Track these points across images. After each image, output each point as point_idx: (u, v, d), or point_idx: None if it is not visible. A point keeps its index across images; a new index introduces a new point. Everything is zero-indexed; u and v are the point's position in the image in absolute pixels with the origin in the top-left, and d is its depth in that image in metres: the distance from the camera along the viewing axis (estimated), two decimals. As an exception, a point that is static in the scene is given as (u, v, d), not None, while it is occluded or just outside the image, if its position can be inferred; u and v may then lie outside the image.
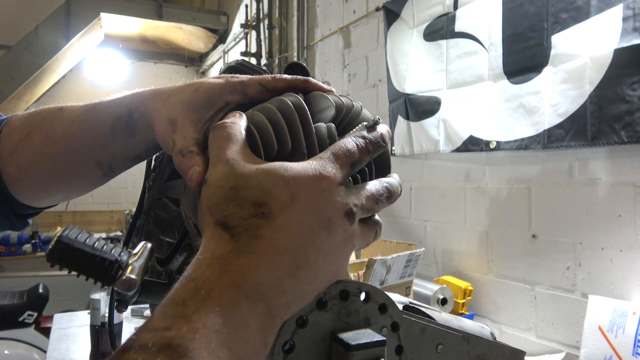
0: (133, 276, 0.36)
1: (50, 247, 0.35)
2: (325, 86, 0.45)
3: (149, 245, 0.40)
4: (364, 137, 0.39)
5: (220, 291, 0.30)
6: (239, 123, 0.38)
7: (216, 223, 0.33)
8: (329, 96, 0.43)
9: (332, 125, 0.41)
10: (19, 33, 4.14)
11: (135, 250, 0.39)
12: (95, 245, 0.36)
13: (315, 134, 0.39)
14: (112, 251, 0.37)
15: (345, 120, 0.44)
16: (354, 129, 0.41)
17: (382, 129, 0.41)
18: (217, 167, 0.35)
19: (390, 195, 0.40)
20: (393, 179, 0.42)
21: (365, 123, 0.41)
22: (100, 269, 0.35)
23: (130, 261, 0.37)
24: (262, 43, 4.09)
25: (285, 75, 0.44)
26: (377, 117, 0.41)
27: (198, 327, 0.28)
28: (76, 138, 0.49)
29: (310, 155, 0.39)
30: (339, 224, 0.34)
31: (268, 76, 0.44)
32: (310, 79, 0.45)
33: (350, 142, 0.38)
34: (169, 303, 0.30)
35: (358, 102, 0.45)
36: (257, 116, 0.39)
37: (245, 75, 0.45)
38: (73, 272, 0.36)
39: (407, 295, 1.67)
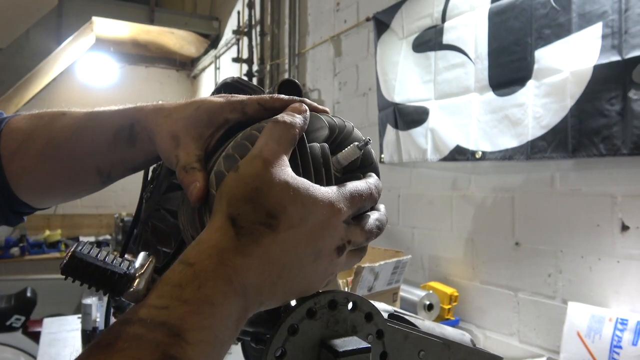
0: (140, 288, 0.39)
1: (64, 261, 0.38)
2: (319, 106, 0.47)
3: (154, 259, 0.43)
4: (375, 187, 0.43)
5: (214, 282, 0.34)
6: (298, 126, 0.41)
7: (228, 216, 0.36)
8: (323, 117, 0.45)
9: (326, 145, 0.44)
10: (10, 36, 4.12)
11: (141, 264, 0.42)
12: (106, 259, 0.39)
13: (310, 153, 0.42)
14: (121, 265, 0.40)
15: (338, 139, 0.46)
16: (347, 148, 0.44)
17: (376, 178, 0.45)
18: (253, 163, 0.38)
19: (379, 232, 0.44)
20: (382, 215, 0.45)
21: (356, 143, 0.44)
22: (110, 282, 0.38)
23: (137, 274, 0.40)
24: (254, 49, 4.12)
25: (282, 96, 0.46)
26: (368, 138, 0.44)
27: (192, 311, 0.32)
28: (79, 144, 0.51)
29: (305, 173, 0.41)
30: (327, 255, 0.39)
31: (266, 96, 0.46)
32: (306, 99, 0.47)
33: (367, 187, 0.42)
34: (167, 283, 0.34)
35: (350, 122, 0.47)
36: (254, 136, 0.41)
37: (244, 96, 0.47)
38: (85, 284, 0.39)
39: (394, 301, 1.71)
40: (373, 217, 0.43)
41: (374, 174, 0.46)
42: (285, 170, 0.38)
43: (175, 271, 0.35)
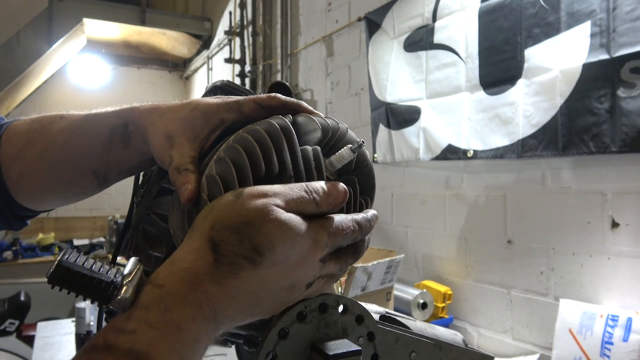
0: (127, 296, 0.39)
1: (51, 270, 0.38)
2: (315, 111, 0.47)
3: (142, 266, 0.43)
4: (361, 225, 0.42)
5: (184, 307, 0.33)
6: (321, 209, 0.40)
7: (209, 239, 0.36)
8: (316, 119, 0.44)
9: (318, 148, 0.44)
10: (0, 38, 4.09)
11: (129, 271, 0.42)
12: (93, 267, 0.39)
13: (302, 156, 0.42)
14: (108, 273, 0.40)
15: (331, 142, 0.46)
16: (340, 151, 0.44)
17: (373, 213, 0.44)
18: (258, 200, 0.37)
19: (355, 259, 0.44)
20: (365, 242, 0.44)
21: (350, 146, 0.43)
22: (97, 290, 0.38)
23: (124, 282, 0.40)
24: (246, 50, 4.11)
25: (279, 95, 0.46)
26: (362, 140, 0.44)
27: (159, 336, 0.31)
28: (75, 147, 0.51)
29: (296, 176, 0.41)
30: (299, 289, 0.40)
31: (263, 95, 0.46)
32: (303, 102, 0.47)
33: (351, 225, 0.41)
34: (135, 305, 0.34)
35: (343, 124, 0.47)
36: (246, 139, 0.41)
37: (240, 96, 0.47)
38: (72, 293, 0.39)
39: (387, 300, 1.71)
40: (354, 250, 0.43)
41: (371, 210, 0.45)
42: (282, 212, 0.37)
43: (143, 292, 0.34)
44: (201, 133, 0.44)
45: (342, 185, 0.41)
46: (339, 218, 0.41)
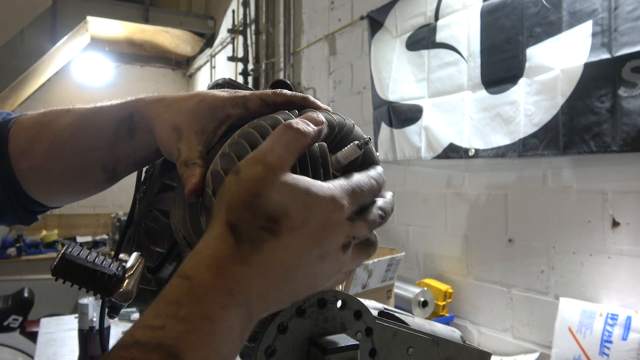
0: (129, 289, 0.40)
1: (55, 263, 0.39)
2: (322, 105, 0.47)
3: (143, 260, 0.44)
4: (377, 180, 0.41)
5: (213, 296, 0.32)
6: (310, 136, 0.38)
7: (227, 223, 0.34)
8: (322, 114, 0.44)
9: (324, 144, 0.43)
10: (4, 36, 4.10)
11: (130, 265, 0.43)
12: (95, 260, 0.40)
13: (308, 152, 0.41)
14: (110, 266, 0.41)
15: (338, 138, 0.46)
16: (347, 147, 0.43)
17: (382, 171, 0.44)
18: (255, 167, 0.36)
19: (382, 221, 0.42)
20: (387, 202, 0.43)
21: (356, 142, 0.43)
22: (99, 282, 0.39)
23: (126, 275, 0.41)
24: (249, 48, 4.12)
25: (285, 91, 0.46)
26: (368, 136, 0.44)
27: (190, 330, 0.30)
28: (82, 140, 0.51)
29: (302, 173, 0.41)
30: (334, 254, 0.37)
31: (269, 91, 0.46)
32: (309, 96, 0.47)
33: (367, 180, 0.40)
34: (163, 300, 0.33)
35: (350, 120, 0.47)
36: (251, 134, 0.41)
37: (246, 91, 0.47)
38: (75, 285, 0.40)
39: (388, 298, 1.72)
40: (376, 205, 0.42)
41: (377, 166, 0.44)
42: (286, 174, 0.36)
43: (172, 286, 0.33)
44: (208, 127, 0.44)
45: (316, 113, 0.41)
46: (355, 176, 0.40)
